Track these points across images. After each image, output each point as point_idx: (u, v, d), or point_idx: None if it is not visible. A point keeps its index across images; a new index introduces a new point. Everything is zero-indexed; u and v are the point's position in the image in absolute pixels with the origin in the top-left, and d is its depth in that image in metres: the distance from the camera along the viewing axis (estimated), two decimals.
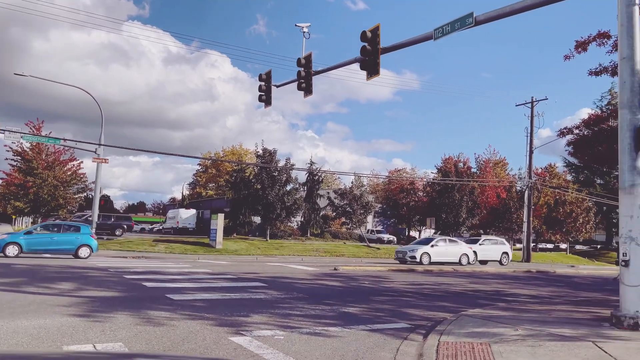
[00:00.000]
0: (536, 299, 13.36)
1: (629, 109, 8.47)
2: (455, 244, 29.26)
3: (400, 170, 70.47)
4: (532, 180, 43.48)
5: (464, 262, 28.14)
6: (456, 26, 12.01)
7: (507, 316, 9.37)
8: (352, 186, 45.08)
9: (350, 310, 9.99)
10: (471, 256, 28.80)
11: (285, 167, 37.91)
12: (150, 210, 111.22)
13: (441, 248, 27.87)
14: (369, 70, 13.90)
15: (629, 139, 8.43)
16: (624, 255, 8.33)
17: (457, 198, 43.82)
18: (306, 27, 18.67)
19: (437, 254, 27.39)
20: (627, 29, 8.58)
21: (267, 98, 18.72)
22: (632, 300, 8.18)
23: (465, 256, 28.53)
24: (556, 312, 10.04)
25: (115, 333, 6.81)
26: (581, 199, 49.65)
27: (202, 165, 77.89)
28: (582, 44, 12.52)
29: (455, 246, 28.88)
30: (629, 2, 8.59)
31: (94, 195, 31.73)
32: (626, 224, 8.36)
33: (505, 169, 64.67)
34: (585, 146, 13.74)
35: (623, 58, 8.60)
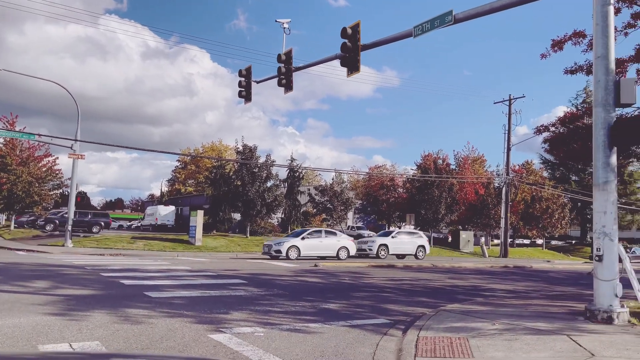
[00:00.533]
0: (513, 294, 13.58)
1: (603, 107, 8.65)
2: (332, 236, 27.42)
3: (381, 167, 70.81)
4: (510, 177, 44.17)
5: (342, 256, 26.48)
6: (435, 24, 12.09)
7: (485, 311, 9.51)
8: (332, 183, 45.22)
9: (331, 306, 10.02)
10: (352, 249, 27.01)
11: (265, 163, 37.78)
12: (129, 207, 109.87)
13: (314, 241, 26.13)
14: (350, 67, 13.92)
15: (603, 137, 8.61)
16: (598, 250, 8.51)
17: (436, 194, 44.23)
18: (286, 22, 18.63)
19: (309, 247, 25.75)
20: (602, 28, 8.75)
21: (247, 94, 18.62)
22: (606, 295, 8.38)
23: (344, 249, 26.82)
24: (532, 307, 10.22)
25: (92, 332, 6.72)
26: (557, 195, 50.62)
27: (181, 161, 77.15)
28: (558, 43, 12.73)
29: (332, 239, 27.03)
30: (604, 1, 8.76)
31: (70, 191, 31.18)
32: (600, 220, 8.55)
33: (484, 165, 65.45)
34: (561, 143, 14.00)
35: (598, 57, 8.77)
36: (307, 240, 25.60)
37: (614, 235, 8.46)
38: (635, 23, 12.00)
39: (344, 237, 28.69)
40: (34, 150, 39.51)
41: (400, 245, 30.08)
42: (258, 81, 19.36)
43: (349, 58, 13.79)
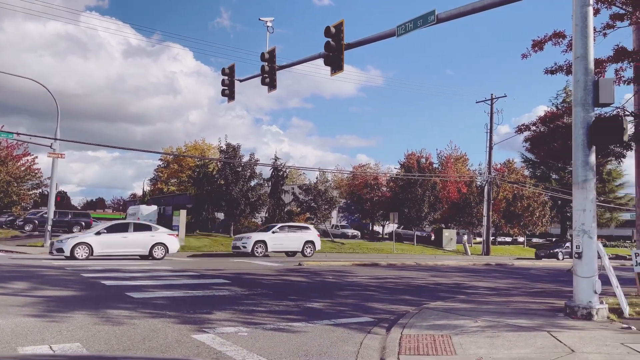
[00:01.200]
0: (494, 291, 13.73)
1: (582, 106, 8.78)
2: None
3: (364, 166, 70.98)
4: (492, 175, 44.68)
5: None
6: (418, 23, 12.17)
7: (467, 308, 9.60)
8: (316, 182, 45.22)
9: (315, 305, 10.02)
10: (172, 246, 22.23)
11: (249, 162, 37.63)
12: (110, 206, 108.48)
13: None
14: (333, 66, 13.93)
15: (582, 136, 8.74)
16: (577, 248, 8.65)
17: (420, 193, 44.51)
18: (270, 21, 18.57)
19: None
20: (581, 29, 8.88)
21: (231, 92, 18.53)
22: (585, 291, 8.52)
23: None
24: (514, 304, 10.35)
25: (73, 333, 6.62)
26: (538, 193, 51.35)
27: (164, 160, 76.37)
28: (539, 43, 12.86)
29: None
30: (584, 2, 8.89)
31: (50, 191, 30.70)
32: (579, 218, 8.69)
33: (466, 164, 66.07)
34: (542, 142, 14.18)
35: (577, 57, 8.90)
36: (103, 236, 20.89)
37: (593, 233, 8.61)
38: (614, 24, 12.18)
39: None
40: (12, 149, 38.78)
41: (283, 241, 26.85)
42: (241, 80, 19.28)
43: (333, 57, 13.80)
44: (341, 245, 38.12)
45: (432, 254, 36.47)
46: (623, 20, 11.93)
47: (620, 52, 11.71)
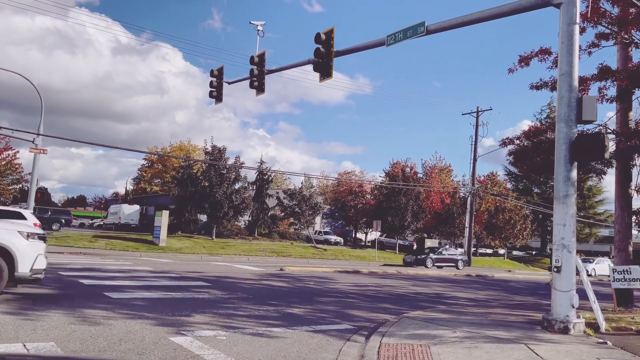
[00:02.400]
0: (474, 302, 13.83)
1: (565, 122, 8.92)
2: None
3: (350, 173, 71.21)
4: (475, 187, 45.06)
5: None
6: (408, 34, 12.26)
7: (447, 318, 9.64)
8: (301, 187, 45.24)
9: (295, 311, 9.98)
10: None
11: (234, 165, 37.49)
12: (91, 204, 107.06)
13: None
14: (322, 73, 13.96)
15: (564, 151, 8.87)
16: (557, 262, 8.76)
17: (403, 202, 44.75)
18: (261, 25, 18.59)
19: None
20: (567, 46, 9.03)
21: (218, 94, 18.45)
22: (563, 305, 8.62)
23: None
24: (493, 315, 10.43)
25: (48, 332, 6.50)
26: (519, 206, 51.94)
27: (148, 160, 75.70)
28: (525, 58, 13.08)
29: None
30: (570, 20, 9.05)
31: (30, 186, 30.14)
32: (559, 232, 8.80)
33: (450, 175, 66.65)
34: (525, 156, 14.36)
35: (562, 74, 9.05)
36: None
37: (572, 248, 8.72)
38: (599, 43, 12.45)
39: None
40: None
41: None
42: (230, 82, 19.21)
43: (322, 64, 13.83)
44: (323, 251, 38.10)
45: None
46: (608, 39, 12.18)
47: (604, 71, 11.94)
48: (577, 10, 9.11)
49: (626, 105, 13.48)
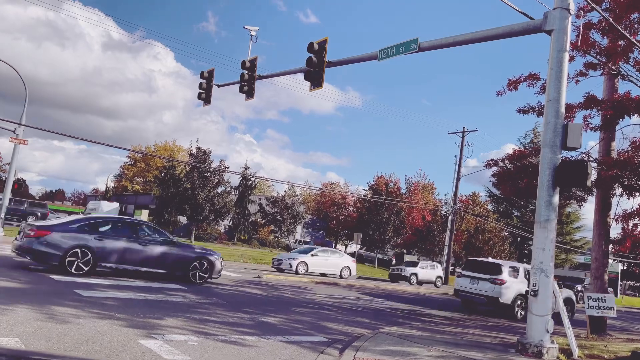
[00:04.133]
0: (450, 321, 13.80)
1: (550, 148, 9.00)
2: None
3: (334, 184, 71.31)
4: (457, 206, 45.34)
5: None
6: (400, 50, 12.33)
7: (422, 336, 9.59)
8: (284, 195, 45.09)
9: (270, 319, 9.85)
10: None
11: (218, 168, 37.24)
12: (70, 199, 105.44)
13: None
14: (313, 82, 13.96)
15: (548, 176, 8.94)
16: (534, 286, 8.78)
17: (385, 216, 44.85)
18: (254, 30, 18.54)
19: None
20: (556, 73, 9.14)
21: (207, 97, 18.33)
22: (538, 329, 8.63)
23: None
24: (467, 335, 10.41)
25: (13, 327, 6.29)
26: (499, 228, 52.42)
27: (131, 157, 74.93)
28: (514, 82, 13.24)
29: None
30: (560, 48, 9.17)
31: (7, 177, 29.53)
32: (538, 256, 8.84)
33: (433, 193, 67.12)
34: (508, 179, 14.49)
35: (550, 100, 9.15)
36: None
37: (550, 272, 8.76)
38: (587, 72, 12.65)
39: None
40: None
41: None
42: (219, 85, 19.11)
43: (314, 73, 13.82)
44: None
45: None
46: (596, 69, 12.37)
47: (590, 100, 12.12)
48: (567, 38, 9.24)
49: (609, 135, 13.71)
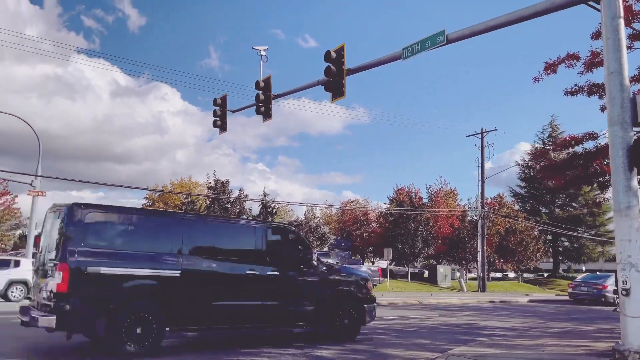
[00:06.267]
0: (514, 332, 12.63)
1: (620, 125, 7.97)
2: None
3: (354, 202, 70.19)
4: (485, 209, 43.92)
5: None
6: (426, 45, 11.47)
7: (498, 354, 8.48)
8: (306, 217, 44.11)
9: (324, 353, 8.83)
10: None
11: (238, 198, 36.51)
12: None
13: None
14: (334, 92, 13.15)
15: (622, 158, 7.89)
16: (624, 284, 7.67)
17: (413, 228, 43.50)
18: (264, 50, 17.91)
19: None
20: (613, 42, 8.17)
21: (222, 124, 17.66)
22: (636, 333, 7.48)
23: None
24: (547, 348, 9.25)
25: None
26: (530, 227, 50.67)
27: (149, 198, 74.73)
28: (551, 65, 12.30)
29: None
30: (614, 14, 8.22)
31: (29, 231, 29.09)
32: (624, 249, 7.74)
33: (456, 199, 65.58)
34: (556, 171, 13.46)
35: (611, 73, 8.15)
36: None
37: None
38: (632, 45, 11.67)
39: None
40: None
41: None
42: (234, 110, 18.50)
43: (334, 83, 13.03)
44: None
45: (428, 291, 35.18)
46: None
47: None
48: (620, 3, 8.31)
49: None
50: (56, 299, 7.37)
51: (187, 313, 8.42)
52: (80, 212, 7.89)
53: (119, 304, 7.71)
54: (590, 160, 12.41)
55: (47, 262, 8.17)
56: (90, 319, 7.55)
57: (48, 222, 8.87)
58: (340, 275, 10.60)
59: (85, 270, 7.55)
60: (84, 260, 7.59)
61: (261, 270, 9.27)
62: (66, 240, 7.62)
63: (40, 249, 8.91)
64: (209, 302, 8.65)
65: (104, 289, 7.67)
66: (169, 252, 8.45)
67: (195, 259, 8.68)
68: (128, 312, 7.74)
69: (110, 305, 7.61)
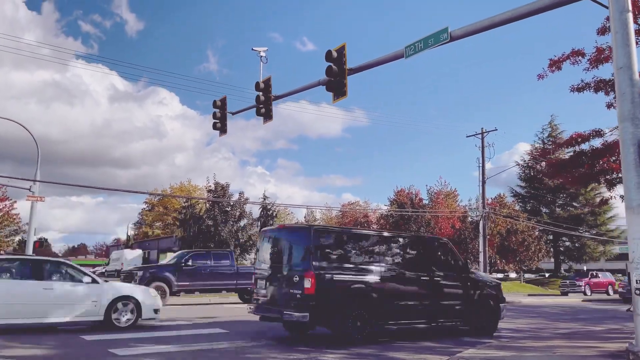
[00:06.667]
0: (520, 333, 12.47)
1: (631, 121, 7.80)
2: None
3: (354, 204, 70.00)
4: (486, 210, 43.73)
5: None
6: (429, 42, 11.31)
7: (509, 357, 8.29)
8: (307, 220, 43.88)
9: (329, 358, 8.63)
10: None
11: (238, 201, 36.30)
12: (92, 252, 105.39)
13: None
14: (336, 92, 12.98)
15: (633, 154, 7.72)
16: (638, 283, 7.49)
17: (414, 230, 43.35)
18: (263, 51, 17.71)
19: None
20: (622, 36, 8.02)
21: (223, 126, 17.48)
22: None
23: None
24: (558, 350, 9.06)
25: None
26: (532, 227, 50.49)
27: (149, 203, 74.59)
28: (556, 62, 12.14)
29: None
30: (622, 8, 8.08)
31: (28, 237, 28.86)
32: (637, 248, 7.57)
33: (456, 200, 65.38)
34: (563, 169, 13.30)
35: (620, 68, 8.00)
36: None
37: None
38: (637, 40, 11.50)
39: None
40: None
41: None
42: (234, 113, 18.27)
43: (335, 82, 12.86)
44: None
45: None
46: None
47: None
48: None
49: None
50: (306, 300, 9.47)
51: (385, 311, 10.44)
52: (317, 233, 10.35)
53: (346, 303, 9.86)
54: (597, 157, 12.29)
55: (284, 272, 10.33)
56: (330, 314, 9.73)
57: (271, 240, 11.29)
58: (482, 279, 12.75)
59: (325, 277, 9.70)
60: (322, 270, 9.78)
61: (431, 276, 11.30)
62: (310, 254, 9.80)
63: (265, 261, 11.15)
64: (398, 302, 10.69)
65: (337, 291, 9.82)
66: (373, 263, 10.66)
67: (389, 267, 10.80)
68: (352, 309, 9.90)
69: (341, 304, 9.79)
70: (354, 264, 10.32)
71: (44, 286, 10.90)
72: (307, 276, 9.48)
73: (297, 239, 10.59)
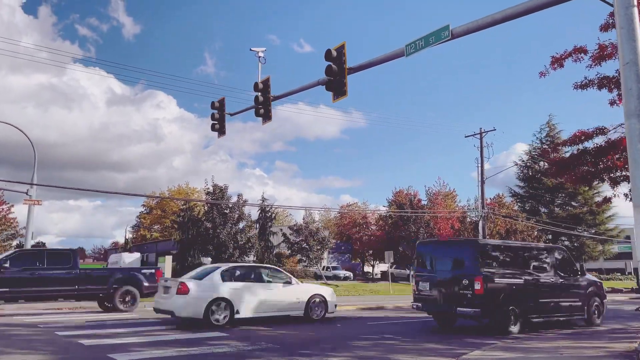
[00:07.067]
0: (525, 334, 12.29)
1: (637, 117, 7.68)
2: None
3: (352, 205, 69.85)
4: (485, 210, 43.62)
5: None
6: (430, 40, 11.19)
7: (516, 359, 8.15)
8: (305, 221, 43.73)
9: None
10: None
11: (237, 203, 36.13)
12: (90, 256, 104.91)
13: None
14: (336, 92, 12.86)
15: None
16: None
17: (413, 230, 43.24)
18: (262, 51, 17.56)
19: None
20: (627, 31, 7.90)
21: (221, 127, 17.33)
22: None
23: None
24: (565, 350, 8.92)
25: None
26: (531, 227, 50.42)
27: (147, 206, 74.30)
28: (558, 59, 12.03)
29: None
30: (628, 3, 7.96)
31: (25, 241, 28.63)
32: None
33: (455, 200, 65.25)
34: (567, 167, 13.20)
35: (626, 63, 7.88)
36: None
37: None
38: None
39: None
40: None
41: None
42: (232, 114, 18.11)
43: (335, 82, 12.74)
44: (335, 287, 36.24)
45: None
46: None
47: None
48: None
49: None
50: (477, 299, 11.79)
51: (529, 307, 12.68)
52: (481, 245, 12.91)
53: (504, 301, 12.09)
54: (601, 155, 12.20)
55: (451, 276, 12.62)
56: (492, 310, 11.94)
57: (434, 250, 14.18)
58: (591, 280, 14.69)
59: (489, 281, 11.91)
60: (487, 274, 12.01)
61: (556, 278, 13.50)
62: (478, 262, 12.08)
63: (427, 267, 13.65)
64: (538, 300, 12.93)
65: (497, 291, 12.04)
66: (519, 268, 12.87)
67: (530, 272, 12.98)
68: (508, 306, 12.14)
69: (500, 302, 12.02)
70: (506, 269, 12.52)
71: (270, 287, 14.07)
72: (477, 280, 11.78)
73: (463, 249, 13.00)
